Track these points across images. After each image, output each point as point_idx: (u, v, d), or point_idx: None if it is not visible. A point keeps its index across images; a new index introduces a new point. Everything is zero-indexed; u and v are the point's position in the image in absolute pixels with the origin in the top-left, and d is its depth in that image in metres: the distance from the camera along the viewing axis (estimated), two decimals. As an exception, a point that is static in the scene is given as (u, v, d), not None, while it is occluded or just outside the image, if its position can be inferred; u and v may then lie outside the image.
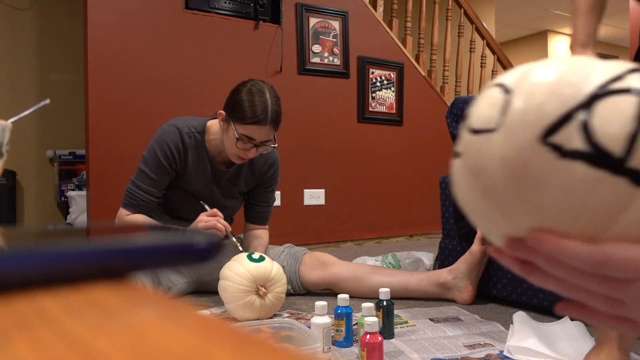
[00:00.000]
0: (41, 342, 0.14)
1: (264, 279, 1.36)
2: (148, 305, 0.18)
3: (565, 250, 0.33)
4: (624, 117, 0.32)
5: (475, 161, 0.35)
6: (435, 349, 1.14)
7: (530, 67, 0.36)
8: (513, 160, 0.33)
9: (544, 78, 0.34)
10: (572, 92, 0.33)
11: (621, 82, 0.33)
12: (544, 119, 0.32)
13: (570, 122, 0.32)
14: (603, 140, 0.31)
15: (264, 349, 0.13)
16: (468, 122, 0.37)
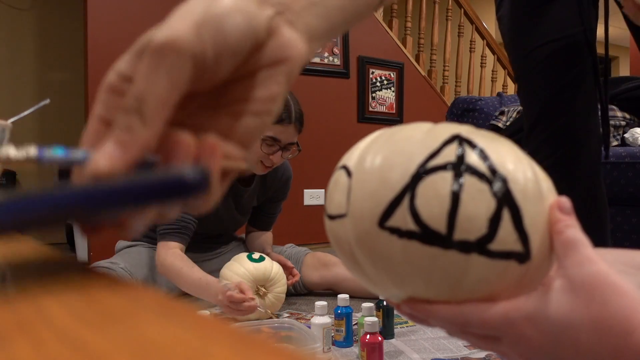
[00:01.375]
0: (41, 342, 0.14)
1: (264, 279, 1.36)
2: (148, 305, 0.18)
3: (434, 315, 0.36)
4: (441, 195, 0.34)
5: (337, 243, 0.39)
6: (435, 349, 1.14)
7: (365, 148, 0.38)
8: (362, 244, 0.36)
9: (372, 162, 0.36)
10: (397, 175, 0.35)
11: (437, 157, 0.35)
12: (378, 205, 0.35)
13: (400, 206, 0.34)
14: (428, 221, 0.34)
15: (264, 349, 0.13)
16: (325, 206, 0.40)
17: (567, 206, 0.36)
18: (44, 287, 0.21)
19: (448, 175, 0.34)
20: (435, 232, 0.34)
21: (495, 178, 0.34)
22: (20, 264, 0.28)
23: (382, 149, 0.37)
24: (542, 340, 0.34)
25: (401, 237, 0.34)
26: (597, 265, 0.33)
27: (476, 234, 0.34)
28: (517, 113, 1.86)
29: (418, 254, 0.34)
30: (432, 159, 0.35)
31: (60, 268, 0.26)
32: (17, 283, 0.23)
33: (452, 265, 0.34)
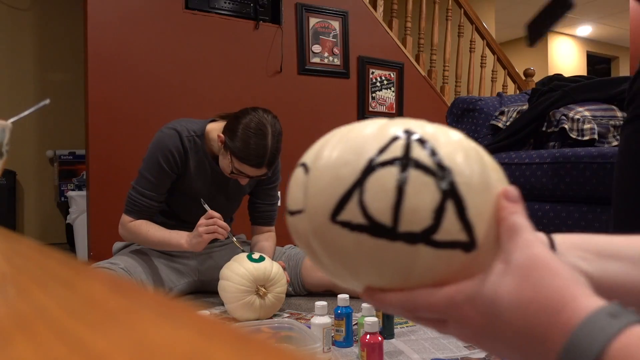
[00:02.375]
0: (41, 342, 0.14)
1: (264, 279, 1.36)
2: (148, 305, 0.18)
3: (388, 302, 0.39)
4: (387, 189, 0.36)
5: (297, 237, 0.41)
6: (435, 349, 1.14)
7: (322, 145, 0.40)
8: (318, 238, 0.38)
9: (327, 159, 0.38)
10: (348, 171, 0.37)
11: (386, 152, 0.36)
12: (329, 200, 0.37)
13: (351, 200, 0.36)
14: (374, 214, 0.36)
15: (264, 349, 0.13)
16: (287, 202, 0.42)
17: (514, 194, 0.37)
18: (44, 287, 0.21)
19: (394, 169, 0.36)
20: (382, 225, 0.35)
21: (440, 171, 0.36)
22: (21, 263, 0.28)
23: (337, 146, 0.38)
24: (482, 321, 0.35)
25: (352, 231, 0.36)
26: (535, 248, 0.35)
27: (421, 225, 0.35)
28: (517, 113, 1.86)
29: (368, 247, 0.36)
30: (381, 154, 0.36)
31: (60, 268, 0.26)
32: (17, 283, 0.23)
33: (400, 256, 0.36)
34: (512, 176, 1.67)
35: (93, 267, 0.25)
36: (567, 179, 1.51)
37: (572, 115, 1.64)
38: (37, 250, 0.32)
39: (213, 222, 1.42)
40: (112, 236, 1.97)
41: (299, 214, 0.39)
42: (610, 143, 1.60)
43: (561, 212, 1.55)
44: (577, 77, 1.90)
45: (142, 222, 1.52)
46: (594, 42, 7.37)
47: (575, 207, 1.51)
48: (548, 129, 1.72)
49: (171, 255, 1.65)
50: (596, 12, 6.32)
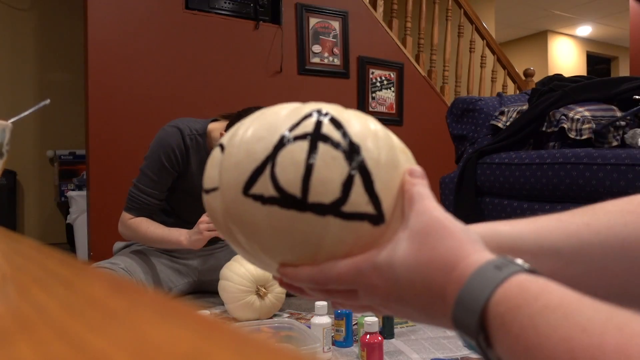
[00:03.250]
0: (42, 341, 0.14)
1: (264, 279, 1.36)
2: (148, 305, 0.18)
3: (299, 277, 0.39)
4: (297, 162, 0.37)
5: (213, 217, 0.42)
6: (435, 349, 1.14)
7: (238, 126, 0.41)
8: (231, 213, 0.39)
9: (242, 136, 0.39)
10: (261, 146, 0.38)
11: (297, 129, 0.38)
12: (242, 174, 0.38)
13: (263, 174, 0.37)
14: (285, 186, 0.37)
15: (264, 349, 0.13)
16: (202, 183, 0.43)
17: (418, 171, 0.39)
18: (44, 287, 0.21)
19: (304, 144, 0.37)
20: (292, 196, 0.36)
21: (349, 147, 0.37)
22: (21, 263, 0.28)
23: (252, 125, 0.39)
24: (387, 287, 0.37)
25: (264, 204, 0.37)
26: (433, 212, 0.36)
27: (330, 197, 0.36)
28: (517, 113, 1.86)
29: (279, 219, 0.37)
30: (292, 130, 0.38)
31: (60, 268, 0.26)
32: (18, 283, 0.23)
33: (310, 227, 0.37)
34: (512, 176, 1.67)
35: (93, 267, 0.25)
36: (567, 180, 1.51)
37: (572, 116, 1.64)
38: (38, 250, 0.32)
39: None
40: (113, 236, 1.97)
41: (213, 192, 0.40)
42: (610, 143, 1.60)
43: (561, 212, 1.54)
44: (577, 77, 1.90)
45: (142, 219, 1.52)
46: (593, 42, 7.37)
47: (575, 208, 1.50)
48: (548, 129, 1.72)
49: (172, 256, 1.65)
50: (596, 12, 6.32)
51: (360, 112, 0.42)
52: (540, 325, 0.28)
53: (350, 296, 0.40)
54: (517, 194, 1.67)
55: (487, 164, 1.77)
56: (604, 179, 1.42)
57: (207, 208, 0.42)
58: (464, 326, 0.32)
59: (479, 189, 1.80)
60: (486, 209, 1.75)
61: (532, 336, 0.28)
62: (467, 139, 1.98)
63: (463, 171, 1.83)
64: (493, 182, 1.74)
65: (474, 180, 1.79)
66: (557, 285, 0.30)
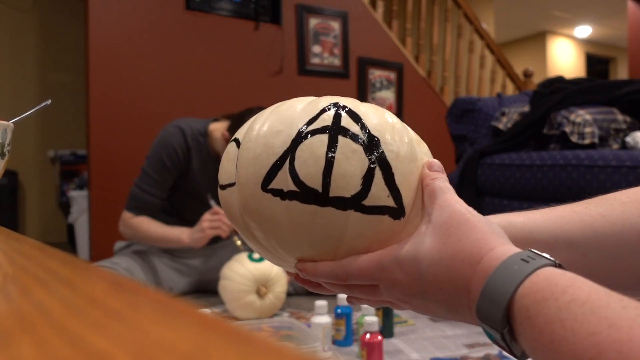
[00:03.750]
0: (43, 341, 0.14)
1: (265, 279, 1.36)
2: (149, 304, 0.18)
3: (319, 272, 0.38)
4: (317, 156, 0.36)
5: (229, 213, 0.41)
6: (435, 348, 1.14)
7: (253, 120, 0.40)
8: (249, 209, 0.38)
9: (259, 131, 0.38)
10: (279, 140, 0.37)
11: (316, 122, 0.37)
12: (261, 169, 0.37)
13: (282, 169, 0.37)
14: (305, 180, 0.36)
15: (265, 347, 0.13)
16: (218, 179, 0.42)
17: (437, 165, 0.39)
18: (45, 286, 0.21)
19: (324, 137, 0.37)
20: (312, 190, 0.36)
21: (369, 140, 0.37)
22: (22, 263, 0.28)
23: (268, 119, 0.39)
24: (410, 282, 0.36)
25: (283, 199, 0.36)
26: (455, 206, 0.36)
27: (351, 191, 0.36)
28: (518, 114, 1.86)
29: (299, 213, 0.36)
30: (311, 124, 0.37)
31: (62, 267, 0.26)
32: (19, 282, 0.23)
33: (330, 221, 0.36)
34: (513, 177, 1.67)
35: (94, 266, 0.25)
36: (568, 181, 1.51)
37: (573, 119, 1.64)
38: (39, 250, 0.33)
39: (218, 219, 1.42)
40: (114, 236, 1.97)
41: (230, 187, 0.39)
42: (610, 146, 1.60)
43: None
44: (579, 80, 1.90)
45: (143, 218, 1.52)
46: (592, 43, 7.37)
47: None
48: (549, 132, 1.72)
49: (173, 255, 1.65)
50: (595, 13, 6.31)
51: (376, 105, 0.41)
52: (567, 319, 0.27)
53: (371, 291, 0.39)
54: (518, 195, 1.67)
55: (487, 164, 1.77)
56: (605, 181, 1.42)
57: (223, 203, 0.41)
58: (489, 319, 0.32)
59: (479, 189, 1.80)
60: (486, 209, 1.75)
61: (558, 330, 0.28)
62: (467, 139, 1.98)
63: (463, 171, 1.83)
64: (493, 183, 1.74)
65: (475, 181, 1.79)
66: (585, 280, 0.30)
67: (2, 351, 0.13)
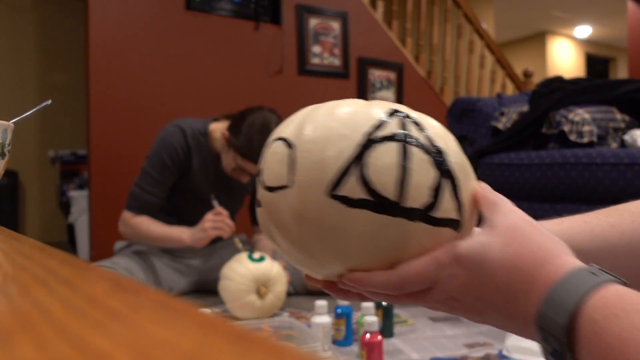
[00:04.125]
0: (43, 341, 0.14)
1: (265, 279, 1.36)
2: (149, 304, 0.18)
3: (371, 283, 0.37)
4: (391, 164, 0.35)
5: (277, 217, 0.38)
6: (435, 348, 1.14)
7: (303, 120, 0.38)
8: (309, 215, 0.36)
9: (317, 134, 0.36)
10: (345, 145, 0.35)
11: (383, 129, 0.36)
12: (326, 174, 0.35)
13: (350, 174, 0.35)
14: (379, 189, 0.35)
15: (266, 346, 0.13)
16: (262, 179, 0.39)
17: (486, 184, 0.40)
18: (46, 286, 0.21)
19: (395, 145, 0.36)
20: (387, 200, 0.35)
21: (436, 151, 0.36)
22: (23, 263, 0.28)
23: (325, 121, 0.37)
24: (467, 279, 0.36)
25: (351, 206, 0.35)
26: (519, 213, 0.36)
27: (422, 201, 0.35)
28: (517, 114, 1.86)
29: (367, 222, 0.35)
30: (377, 130, 0.36)
31: (62, 267, 0.26)
32: (19, 282, 0.23)
33: (398, 232, 0.36)
34: (512, 177, 1.67)
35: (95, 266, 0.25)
36: (566, 180, 1.51)
37: (572, 118, 1.64)
38: (39, 250, 0.33)
39: (220, 219, 1.42)
40: (114, 236, 1.97)
41: (281, 190, 0.37)
42: (609, 145, 1.60)
43: (561, 212, 1.55)
44: (577, 79, 1.90)
45: (143, 218, 1.52)
46: (592, 43, 7.37)
47: (574, 208, 1.51)
48: (548, 131, 1.72)
49: (173, 255, 1.65)
50: (594, 14, 6.32)
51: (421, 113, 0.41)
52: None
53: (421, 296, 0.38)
54: (518, 194, 1.67)
55: (487, 164, 1.77)
56: (603, 179, 1.42)
57: (269, 207, 0.38)
58: (550, 326, 0.31)
59: (479, 189, 1.80)
60: (486, 209, 1.75)
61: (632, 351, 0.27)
62: (467, 139, 1.98)
63: (463, 171, 1.83)
64: (493, 182, 1.74)
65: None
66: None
67: (2, 351, 0.13)
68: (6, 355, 0.13)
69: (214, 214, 1.43)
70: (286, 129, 0.39)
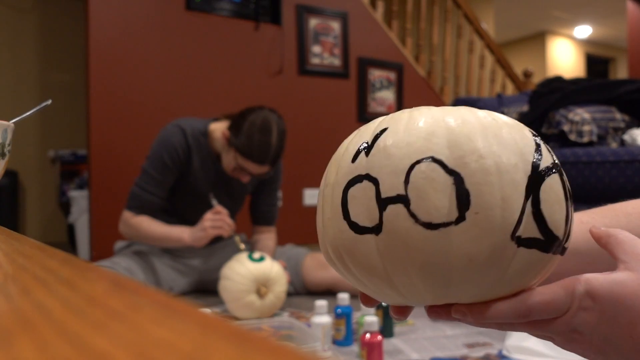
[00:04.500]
0: (44, 341, 0.14)
1: (265, 279, 1.36)
2: (150, 304, 0.18)
3: (495, 315, 0.35)
4: (560, 200, 0.32)
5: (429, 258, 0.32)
6: (435, 348, 1.14)
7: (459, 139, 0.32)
8: (484, 258, 0.31)
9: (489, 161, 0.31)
10: (518, 177, 0.31)
11: (542, 156, 0.33)
12: (511, 213, 0.31)
13: (525, 212, 0.31)
14: (552, 228, 0.32)
15: (265, 347, 0.13)
16: (411, 211, 0.32)
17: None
18: (46, 287, 0.21)
19: (557, 177, 0.33)
20: (557, 239, 0.32)
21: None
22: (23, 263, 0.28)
23: (489, 145, 0.32)
24: (600, 315, 0.34)
25: (519, 245, 0.31)
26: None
27: (562, 234, 0.33)
28: (517, 114, 1.86)
29: (528, 261, 0.32)
30: (538, 156, 0.32)
31: (62, 267, 0.26)
32: (20, 282, 0.23)
33: (543, 266, 0.33)
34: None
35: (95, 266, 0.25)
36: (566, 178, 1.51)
37: (572, 117, 1.64)
38: (39, 250, 0.33)
39: (220, 218, 1.42)
40: (114, 236, 1.97)
41: (444, 228, 0.31)
42: (609, 145, 1.60)
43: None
44: (577, 79, 1.90)
45: (143, 218, 1.52)
46: (592, 43, 7.37)
47: (575, 207, 1.50)
48: (547, 131, 1.72)
49: (173, 255, 1.65)
50: (594, 14, 6.32)
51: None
52: None
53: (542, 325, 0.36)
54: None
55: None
56: (603, 177, 1.42)
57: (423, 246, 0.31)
58: None
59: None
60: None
61: None
62: (467, 140, 1.98)
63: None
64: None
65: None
66: None
67: (2, 351, 0.13)
68: (6, 356, 0.13)
69: (213, 213, 1.43)
70: (432, 146, 0.32)
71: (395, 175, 0.32)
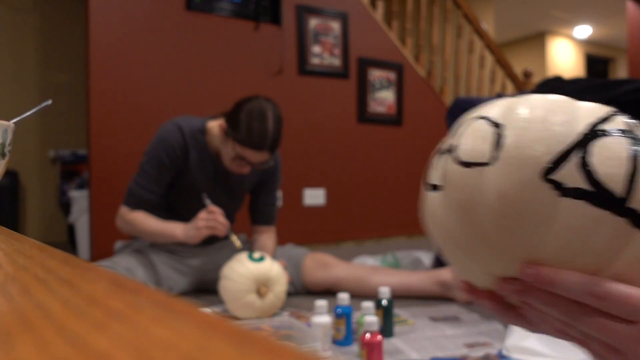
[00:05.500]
0: (44, 341, 0.14)
1: (265, 279, 1.36)
2: (150, 304, 0.18)
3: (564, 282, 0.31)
4: (621, 158, 0.32)
5: (466, 196, 0.34)
6: (435, 348, 1.14)
7: (513, 103, 0.35)
8: (513, 196, 0.32)
9: (533, 114, 0.33)
10: (565, 130, 0.32)
11: (609, 123, 0.33)
12: (543, 155, 0.32)
13: (569, 160, 0.31)
14: (604, 180, 0.31)
15: (266, 346, 0.13)
16: (455, 154, 0.35)
17: None
18: (46, 286, 0.21)
19: (624, 140, 0.32)
20: (611, 194, 0.31)
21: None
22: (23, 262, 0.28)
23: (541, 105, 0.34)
24: None
25: (564, 195, 0.31)
26: None
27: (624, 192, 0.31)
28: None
29: (579, 215, 0.31)
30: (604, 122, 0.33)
31: (62, 267, 0.26)
32: (20, 282, 0.23)
33: (616, 235, 0.31)
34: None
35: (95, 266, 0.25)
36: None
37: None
38: (39, 250, 0.33)
39: (213, 218, 1.42)
40: (114, 236, 1.97)
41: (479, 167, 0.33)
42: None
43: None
44: (577, 79, 1.90)
45: (140, 213, 1.53)
46: (592, 43, 7.37)
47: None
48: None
49: (173, 255, 1.65)
50: (594, 13, 6.32)
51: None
52: None
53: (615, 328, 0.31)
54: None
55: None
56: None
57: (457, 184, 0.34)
58: None
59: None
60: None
61: None
62: (467, 140, 1.98)
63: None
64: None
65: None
66: None
67: (2, 351, 0.13)
68: (6, 355, 0.13)
69: (206, 213, 1.44)
70: (489, 111, 0.36)
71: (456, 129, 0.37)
